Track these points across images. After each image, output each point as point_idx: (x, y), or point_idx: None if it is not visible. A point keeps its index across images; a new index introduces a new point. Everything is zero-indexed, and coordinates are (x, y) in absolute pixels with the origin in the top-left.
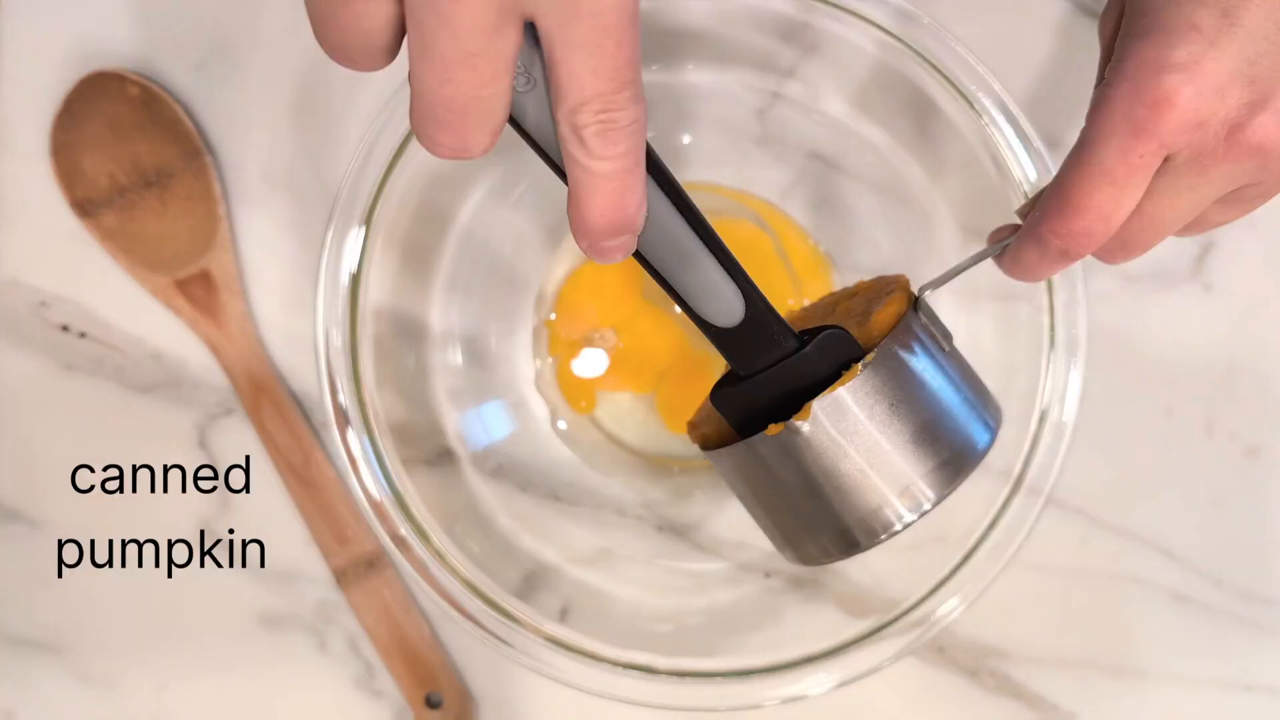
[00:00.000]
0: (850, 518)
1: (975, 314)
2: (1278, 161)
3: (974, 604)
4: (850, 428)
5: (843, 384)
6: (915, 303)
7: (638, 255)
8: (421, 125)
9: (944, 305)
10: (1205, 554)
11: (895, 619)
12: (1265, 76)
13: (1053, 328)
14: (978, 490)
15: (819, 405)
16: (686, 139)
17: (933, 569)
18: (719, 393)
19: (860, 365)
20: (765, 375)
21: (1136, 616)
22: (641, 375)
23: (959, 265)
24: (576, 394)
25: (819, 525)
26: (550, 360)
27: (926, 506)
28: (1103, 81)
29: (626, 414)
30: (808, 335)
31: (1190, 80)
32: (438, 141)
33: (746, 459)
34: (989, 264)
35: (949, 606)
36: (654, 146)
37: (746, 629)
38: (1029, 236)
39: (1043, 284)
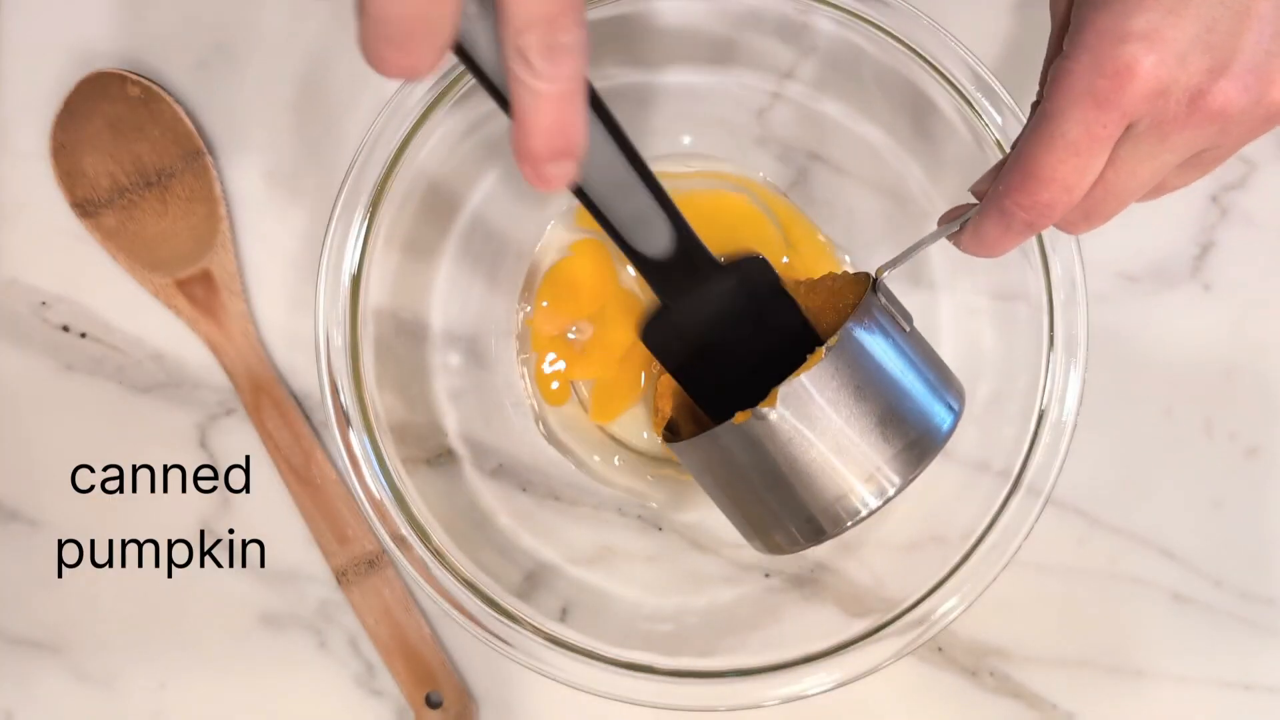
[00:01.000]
0: (816, 506)
1: (975, 314)
2: (1238, 126)
3: (973, 604)
4: (815, 413)
5: (806, 369)
6: (874, 284)
7: (575, 187)
8: (371, 45)
9: (943, 306)
10: (1205, 554)
11: (895, 619)
12: (1222, 42)
13: (1052, 328)
14: (977, 490)
15: (784, 391)
16: (686, 139)
17: (932, 569)
18: (646, 330)
19: (824, 349)
20: (689, 305)
21: (1136, 616)
22: (606, 362)
23: (916, 244)
24: (549, 387)
25: (786, 514)
26: (532, 356)
27: (891, 492)
28: (1060, 54)
29: (628, 417)
30: (730, 265)
31: (1151, 48)
32: (389, 61)
33: (711, 450)
34: (986, 263)
35: (949, 606)
36: (655, 146)
37: (746, 629)
38: (991, 210)
39: (1042, 284)
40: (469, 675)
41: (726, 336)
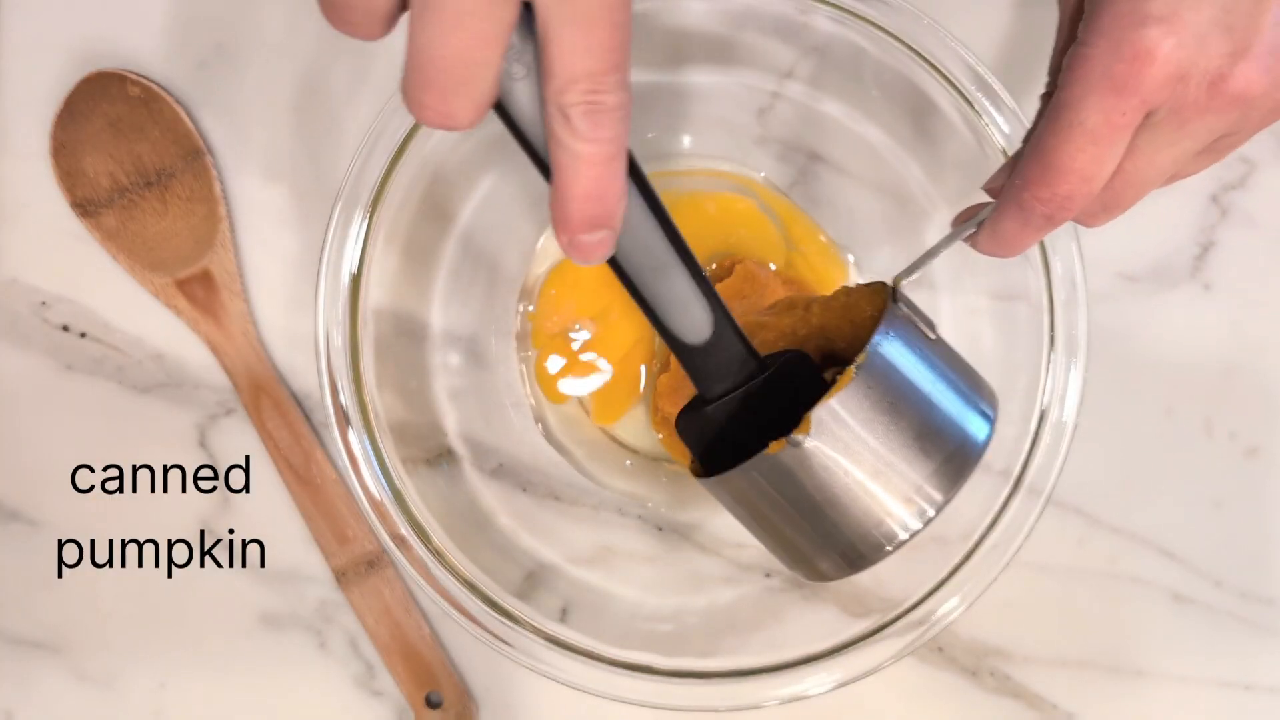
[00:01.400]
0: (856, 533)
1: (975, 314)
2: (1258, 111)
3: (974, 604)
4: (848, 437)
5: (837, 391)
6: (894, 294)
7: (612, 261)
8: (410, 88)
9: (943, 306)
10: (1205, 554)
11: (895, 619)
12: (1241, 24)
13: (1053, 328)
14: (978, 490)
15: (816, 416)
16: (686, 139)
17: (933, 569)
18: (683, 419)
19: (853, 368)
20: (728, 399)
21: (1136, 616)
22: (609, 361)
23: (933, 249)
24: (552, 385)
25: (826, 543)
26: (532, 353)
27: (931, 513)
28: (1076, 40)
29: (634, 418)
30: (770, 359)
31: (1171, 31)
32: (424, 105)
33: (744, 484)
34: (987, 263)
35: (949, 606)
36: (655, 146)
37: (746, 629)
38: (1009, 206)
39: (1042, 284)
40: (469, 675)
41: (759, 431)
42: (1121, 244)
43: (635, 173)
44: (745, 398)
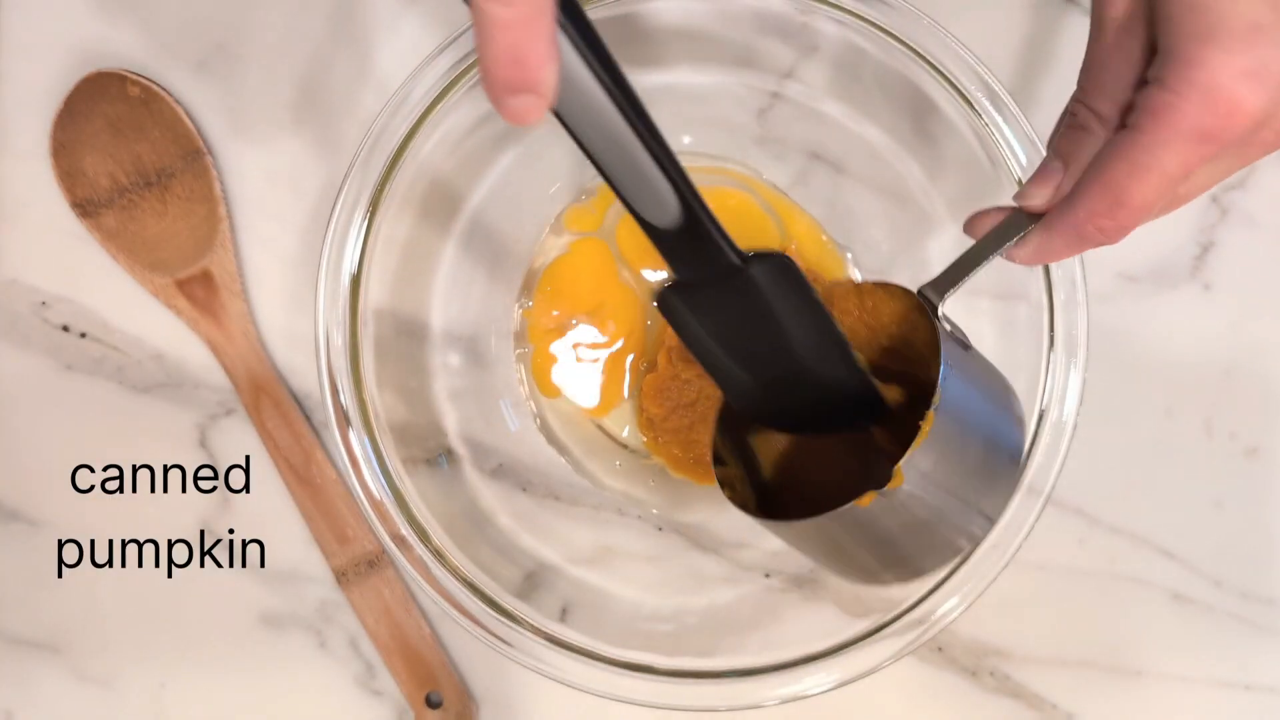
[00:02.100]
0: (917, 554)
1: (975, 314)
2: None
3: (974, 604)
4: (929, 479)
5: (922, 439)
6: (937, 312)
7: (572, 134)
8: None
9: (943, 306)
10: (1205, 554)
11: (895, 619)
12: None
13: (1052, 328)
14: None
15: (907, 469)
16: (686, 139)
17: None
18: (663, 296)
19: (931, 411)
20: (708, 289)
21: (1136, 616)
22: (602, 354)
23: (970, 262)
24: (546, 379)
25: (889, 565)
26: (529, 348)
27: (988, 530)
28: (1158, 82)
29: (626, 414)
30: (753, 256)
31: (1260, 85)
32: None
33: (819, 530)
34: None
35: (949, 606)
36: None
37: (746, 629)
38: (1067, 230)
39: (1042, 284)
40: (469, 675)
41: (744, 325)
42: (1121, 244)
43: (590, 41)
44: (726, 289)
